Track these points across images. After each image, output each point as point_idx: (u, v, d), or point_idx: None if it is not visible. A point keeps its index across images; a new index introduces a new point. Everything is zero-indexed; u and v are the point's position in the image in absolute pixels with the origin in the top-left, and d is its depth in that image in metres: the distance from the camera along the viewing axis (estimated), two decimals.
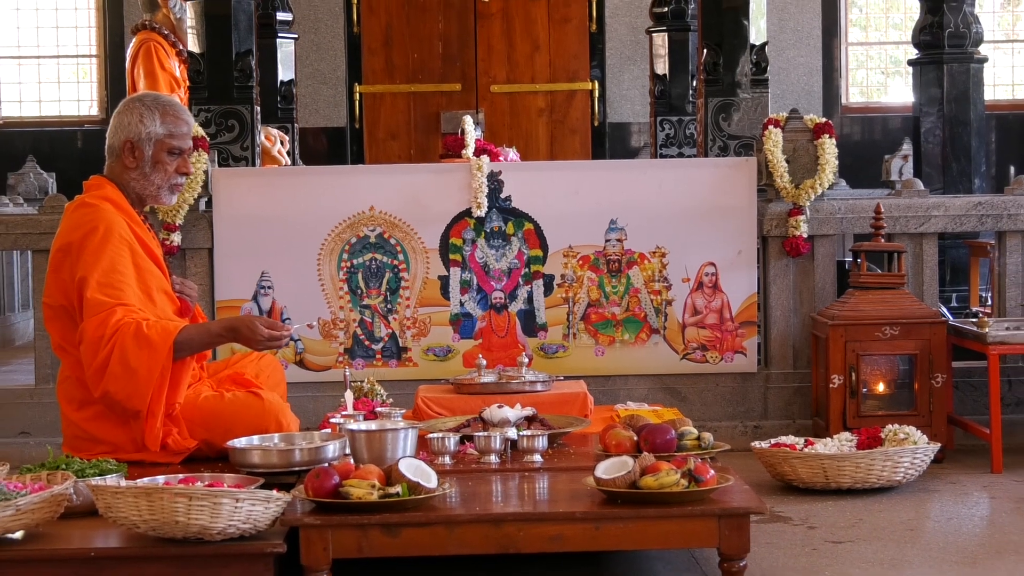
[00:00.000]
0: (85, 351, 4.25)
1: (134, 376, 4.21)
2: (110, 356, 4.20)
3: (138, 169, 4.48)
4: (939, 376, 5.58)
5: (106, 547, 3.61)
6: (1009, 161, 11.89)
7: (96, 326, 4.22)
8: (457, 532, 3.65)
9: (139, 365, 4.20)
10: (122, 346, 4.20)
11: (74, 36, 12.52)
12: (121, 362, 4.20)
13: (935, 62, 7.79)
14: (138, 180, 4.49)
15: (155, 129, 4.47)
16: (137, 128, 4.46)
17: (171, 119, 4.50)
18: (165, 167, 4.50)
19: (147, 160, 4.48)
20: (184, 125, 4.53)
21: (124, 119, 4.49)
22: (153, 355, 4.21)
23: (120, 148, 4.49)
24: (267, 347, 4.45)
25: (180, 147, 4.52)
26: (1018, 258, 6.12)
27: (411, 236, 6.00)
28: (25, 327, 9.55)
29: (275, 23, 8.27)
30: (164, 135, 4.48)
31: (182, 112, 4.56)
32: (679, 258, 6.02)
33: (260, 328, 4.34)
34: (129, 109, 4.51)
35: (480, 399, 4.94)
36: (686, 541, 3.76)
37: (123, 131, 4.48)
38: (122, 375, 4.21)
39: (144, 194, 4.52)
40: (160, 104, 4.53)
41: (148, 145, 4.47)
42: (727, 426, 5.98)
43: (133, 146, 4.47)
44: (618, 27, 11.57)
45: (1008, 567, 4.09)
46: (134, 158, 4.47)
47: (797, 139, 6.08)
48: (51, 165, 10.94)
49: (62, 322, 4.41)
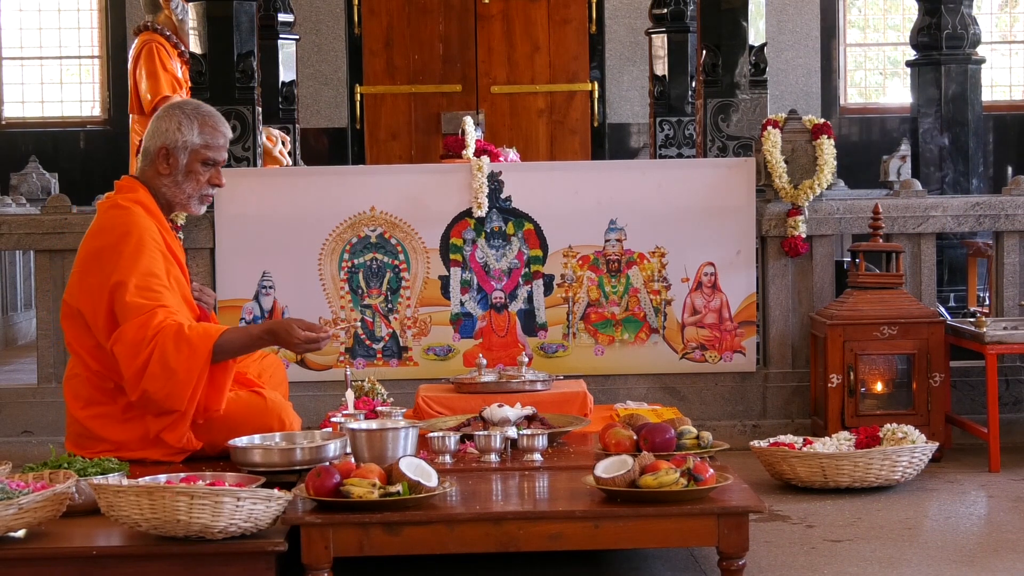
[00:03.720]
0: (124, 353, 4.24)
1: (173, 376, 4.21)
2: (150, 357, 4.20)
3: (171, 176, 4.48)
4: (937, 375, 5.60)
5: (108, 546, 3.63)
6: (1007, 161, 11.92)
7: (137, 328, 4.22)
8: (458, 530, 3.67)
9: (178, 366, 4.21)
10: (163, 347, 4.21)
11: (76, 37, 12.53)
12: (161, 362, 4.20)
13: (933, 63, 7.80)
14: (170, 187, 4.49)
15: (192, 139, 4.47)
16: (174, 136, 4.46)
17: (209, 130, 4.49)
18: (198, 177, 4.50)
19: (181, 168, 4.48)
20: (221, 137, 4.53)
21: (162, 125, 4.49)
22: (193, 356, 4.22)
23: (155, 153, 4.48)
24: (305, 350, 4.42)
25: (215, 159, 4.51)
26: (1016, 258, 6.14)
27: (412, 236, 6.02)
28: (28, 327, 9.57)
29: (276, 24, 8.28)
30: (200, 145, 4.48)
31: (220, 124, 4.54)
32: (678, 258, 6.04)
33: (296, 331, 4.32)
34: (168, 115, 4.50)
35: (480, 398, 4.96)
36: (685, 540, 3.78)
37: (160, 137, 4.48)
38: (161, 375, 4.21)
39: (174, 201, 4.52)
40: (200, 114, 4.52)
41: (183, 154, 4.47)
42: (726, 425, 6.00)
43: (168, 153, 4.46)
44: (618, 28, 11.59)
45: (1006, 565, 4.10)
46: (168, 165, 4.47)
47: (796, 140, 6.10)
48: (54, 165, 10.96)
49: (77, 323, 4.41)
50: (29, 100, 12.52)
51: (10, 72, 12.51)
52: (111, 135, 11.94)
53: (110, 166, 10.61)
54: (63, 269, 5.97)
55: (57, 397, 5.89)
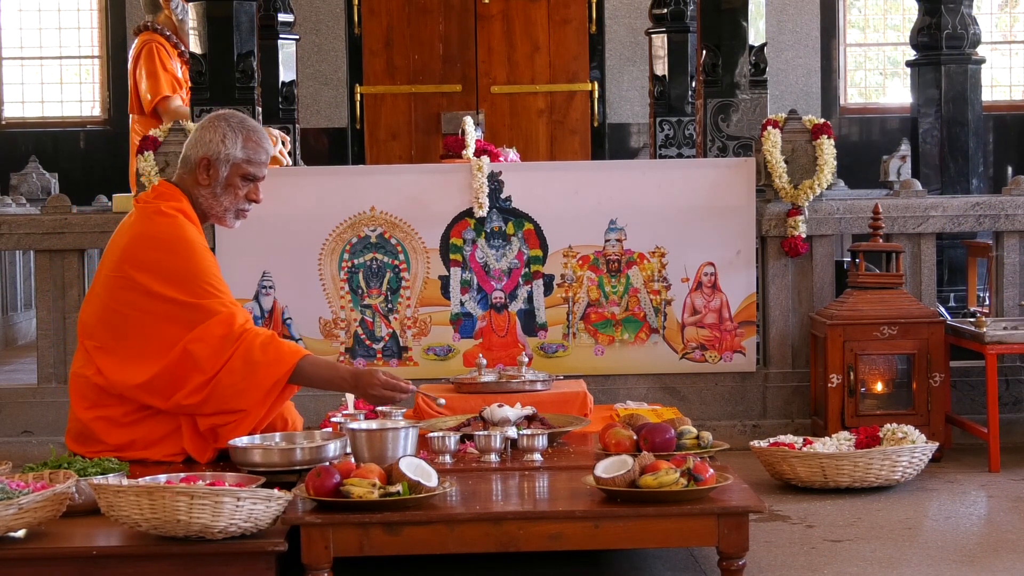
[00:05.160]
0: (206, 350, 4.23)
1: (252, 374, 4.23)
2: (235, 352, 4.23)
3: (209, 188, 4.46)
4: (937, 375, 5.60)
5: (108, 546, 3.63)
6: (1006, 161, 11.92)
7: (220, 324, 4.25)
8: (458, 530, 3.67)
9: (260, 366, 4.22)
10: (250, 344, 4.23)
11: (76, 37, 12.52)
12: (245, 358, 4.22)
13: (933, 63, 7.80)
14: (207, 198, 4.47)
15: (235, 152, 4.44)
16: (217, 147, 4.43)
17: (253, 145, 4.47)
18: (236, 191, 4.47)
19: (220, 181, 4.45)
20: (264, 153, 4.50)
21: (206, 135, 4.45)
22: (278, 362, 4.24)
23: (196, 162, 4.45)
24: (379, 403, 4.39)
25: (255, 174, 4.49)
26: (1015, 258, 6.14)
27: (412, 236, 6.03)
28: (28, 327, 9.56)
29: (276, 24, 8.27)
30: (243, 160, 4.45)
31: (264, 140, 4.51)
32: (678, 258, 6.05)
33: (378, 381, 4.30)
34: (213, 126, 4.46)
35: (480, 398, 4.96)
36: (685, 540, 3.78)
37: (203, 147, 4.44)
38: (241, 369, 4.22)
39: (210, 213, 4.50)
40: (245, 128, 4.48)
41: (224, 166, 4.44)
42: (726, 425, 6.00)
43: (210, 164, 4.44)
44: (618, 28, 11.58)
45: (1006, 565, 4.10)
46: (208, 176, 4.45)
47: (796, 140, 6.10)
48: (54, 166, 10.94)
49: (118, 327, 4.34)
50: (29, 100, 12.51)
51: (10, 72, 12.50)
52: (111, 135, 11.94)
53: (110, 166, 10.62)
54: (63, 269, 5.97)
55: (57, 397, 5.90)
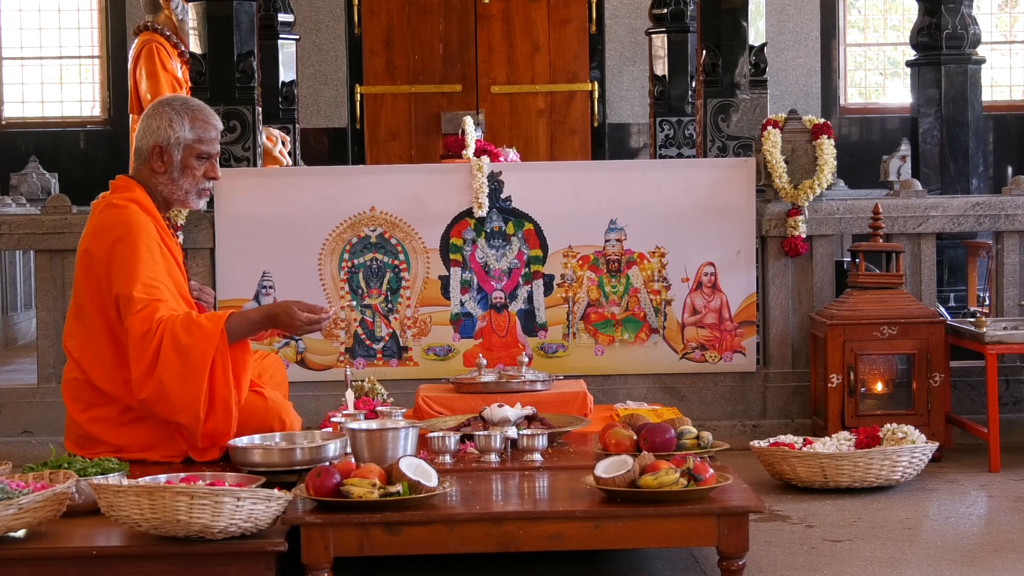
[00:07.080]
0: (134, 347, 4.22)
1: (187, 359, 4.18)
2: (160, 344, 4.18)
3: (166, 174, 4.47)
4: (937, 375, 5.60)
5: (108, 546, 3.63)
6: (1006, 161, 11.93)
7: (140, 321, 4.21)
8: (458, 531, 3.67)
9: (191, 347, 4.18)
10: (172, 332, 4.19)
11: (76, 37, 12.53)
12: (173, 347, 4.18)
13: (933, 63, 7.80)
14: (166, 184, 4.48)
15: (184, 134, 4.46)
16: (166, 133, 4.45)
17: (200, 124, 4.49)
18: (194, 172, 4.49)
19: (176, 165, 4.47)
20: (213, 130, 4.52)
21: (153, 123, 4.47)
22: (205, 338, 4.20)
23: (149, 152, 4.47)
24: (307, 331, 4.41)
25: (209, 152, 4.50)
26: (1016, 258, 6.14)
27: (412, 236, 6.03)
28: (28, 327, 9.57)
29: (276, 24, 8.28)
30: (193, 140, 4.47)
31: (211, 116, 4.54)
32: (678, 258, 6.05)
33: (298, 313, 4.32)
34: (158, 113, 4.48)
35: (480, 398, 4.96)
36: (685, 540, 3.78)
37: (152, 135, 4.46)
38: (176, 361, 4.18)
39: (172, 198, 4.51)
40: (189, 108, 4.50)
41: (177, 150, 4.46)
42: (726, 425, 6.00)
43: (162, 151, 4.45)
44: (618, 28, 11.59)
45: (1006, 565, 4.10)
46: (163, 162, 4.46)
47: (796, 140, 6.10)
48: (54, 165, 10.96)
49: (80, 326, 4.39)
50: (29, 100, 12.52)
51: (10, 72, 12.51)
52: (111, 135, 11.95)
53: (110, 166, 10.61)
54: (63, 269, 5.97)
55: (57, 397, 5.87)
